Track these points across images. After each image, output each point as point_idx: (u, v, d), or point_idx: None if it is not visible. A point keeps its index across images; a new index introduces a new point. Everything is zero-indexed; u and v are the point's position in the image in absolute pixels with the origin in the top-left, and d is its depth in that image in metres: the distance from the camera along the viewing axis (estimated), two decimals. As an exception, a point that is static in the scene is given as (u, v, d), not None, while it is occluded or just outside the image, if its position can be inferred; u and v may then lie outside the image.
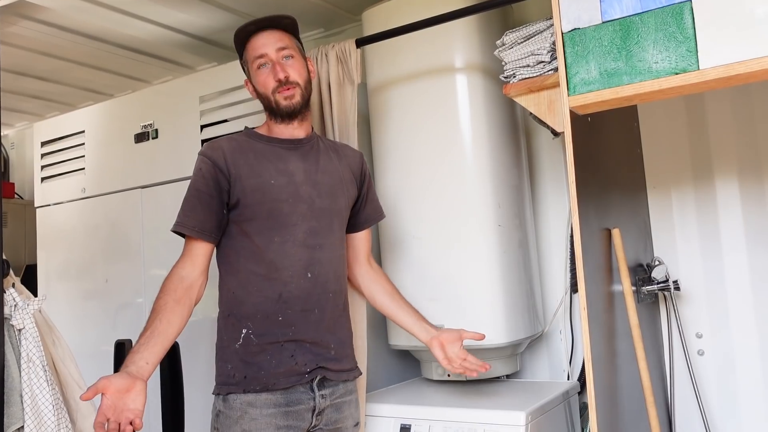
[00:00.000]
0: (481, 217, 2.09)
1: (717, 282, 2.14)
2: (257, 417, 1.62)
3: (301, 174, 1.74)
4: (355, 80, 2.04)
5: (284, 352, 1.66)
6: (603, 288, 1.74)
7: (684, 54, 1.45)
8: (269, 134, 1.78)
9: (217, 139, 1.76)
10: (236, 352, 1.66)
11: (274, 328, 1.66)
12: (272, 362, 1.65)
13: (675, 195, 2.22)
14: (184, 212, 1.68)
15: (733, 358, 2.11)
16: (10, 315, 1.56)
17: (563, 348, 2.36)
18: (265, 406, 1.63)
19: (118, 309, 2.64)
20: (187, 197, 1.69)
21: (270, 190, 1.68)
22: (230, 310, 1.69)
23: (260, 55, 1.74)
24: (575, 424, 2.09)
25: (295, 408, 1.65)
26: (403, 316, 1.90)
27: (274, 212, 1.68)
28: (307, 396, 1.67)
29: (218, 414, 1.65)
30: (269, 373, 1.64)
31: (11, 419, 1.50)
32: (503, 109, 2.20)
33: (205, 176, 1.67)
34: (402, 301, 1.92)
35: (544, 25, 1.71)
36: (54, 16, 2.42)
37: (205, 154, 1.71)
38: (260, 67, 1.74)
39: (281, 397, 1.64)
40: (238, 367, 1.65)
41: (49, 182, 2.94)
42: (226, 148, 1.71)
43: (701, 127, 2.19)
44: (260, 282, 1.67)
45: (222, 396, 1.66)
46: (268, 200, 1.68)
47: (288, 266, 1.68)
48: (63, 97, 3.36)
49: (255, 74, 1.76)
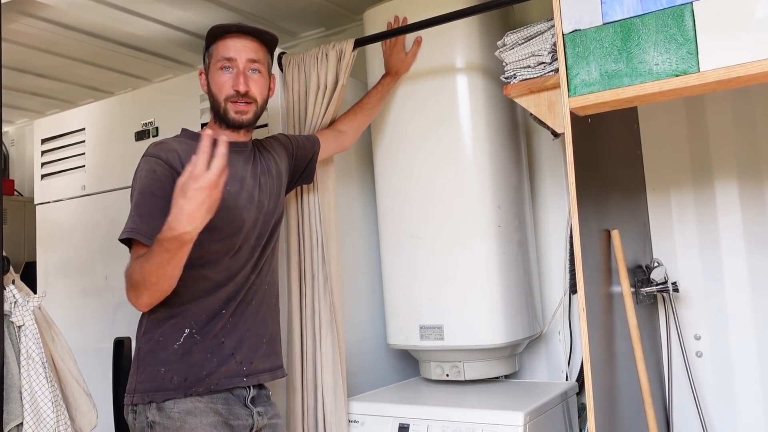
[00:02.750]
0: (480, 217, 2.10)
1: (716, 284, 2.14)
2: (197, 426, 1.53)
3: (249, 179, 1.71)
4: (341, 81, 2.02)
5: (225, 350, 1.61)
6: (602, 289, 1.74)
7: (684, 56, 1.45)
8: (214, 136, 1.67)
9: (164, 140, 1.65)
10: (174, 353, 1.57)
11: (218, 322, 1.61)
12: (213, 361, 1.59)
13: (674, 197, 2.22)
14: (141, 218, 1.52)
15: (731, 360, 2.11)
16: (9, 312, 1.56)
17: (562, 349, 2.37)
18: (205, 414, 1.56)
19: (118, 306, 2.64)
20: (140, 201, 1.55)
21: (227, 197, 1.59)
22: (172, 312, 1.59)
23: (230, 57, 1.67)
24: (573, 425, 2.09)
25: (236, 423, 1.60)
26: (367, 101, 2.13)
27: (234, 220, 1.63)
28: (245, 412, 1.63)
29: (152, 425, 1.54)
30: (210, 373, 1.58)
31: (10, 416, 1.51)
32: (503, 110, 2.20)
33: (161, 179, 1.55)
34: (359, 103, 2.13)
35: (545, 26, 1.72)
36: (55, 14, 2.42)
37: (157, 155, 1.58)
38: (223, 69, 1.67)
39: (222, 408, 1.59)
40: (176, 370, 1.56)
41: (49, 179, 2.94)
42: (180, 150, 1.60)
43: (701, 129, 2.20)
44: (212, 285, 1.62)
45: (156, 404, 1.55)
46: (224, 207, 1.57)
47: (240, 268, 1.66)
48: (63, 94, 3.35)
49: (215, 73, 1.69)
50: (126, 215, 1.58)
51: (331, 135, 2.04)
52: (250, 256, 1.69)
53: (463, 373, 2.14)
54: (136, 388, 1.58)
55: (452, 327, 2.10)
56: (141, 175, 1.58)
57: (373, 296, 2.39)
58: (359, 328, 2.32)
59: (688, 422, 2.13)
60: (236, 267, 1.66)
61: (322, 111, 2.05)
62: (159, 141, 1.66)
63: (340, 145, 2.08)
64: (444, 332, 2.11)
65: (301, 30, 2.80)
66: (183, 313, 1.59)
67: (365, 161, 2.42)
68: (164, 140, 1.67)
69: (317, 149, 1.97)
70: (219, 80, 1.68)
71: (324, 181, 2.06)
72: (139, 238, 1.51)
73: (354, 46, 2.03)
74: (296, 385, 1.99)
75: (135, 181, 1.60)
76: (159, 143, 1.64)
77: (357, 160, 2.41)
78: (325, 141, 2.00)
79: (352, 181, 2.38)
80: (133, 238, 1.52)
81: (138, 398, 1.57)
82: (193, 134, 1.72)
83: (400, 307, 2.21)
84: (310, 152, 1.95)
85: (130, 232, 1.52)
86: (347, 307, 2.15)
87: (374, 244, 2.39)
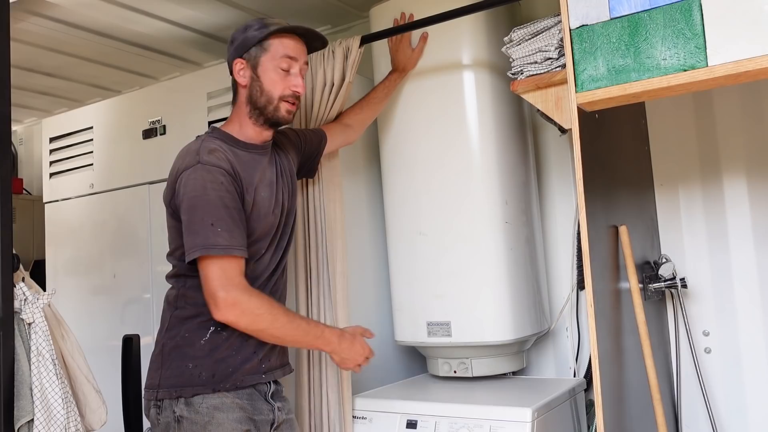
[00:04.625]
0: (488, 214, 2.09)
1: (724, 280, 2.13)
2: (224, 422, 1.55)
3: (276, 181, 1.72)
4: (347, 78, 2.03)
5: (248, 347, 1.63)
6: (610, 285, 1.74)
7: (692, 50, 1.44)
8: (243, 137, 1.69)
9: (212, 147, 1.60)
10: (201, 349, 1.58)
11: None
12: (238, 358, 1.61)
13: (682, 192, 2.21)
14: (229, 233, 1.51)
15: (740, 355, 2.10)
16: (20, 309, 1.57)
17: (569, 345, 2.36)
18: (232, 409, 1.58)
19: (126, 304, 2.65)
20: (218, 216, 1.52)
21: (263, 204, 1.65)
22: (199, 311, 1.60)
23: (293, 56, 1.67)
24: (581, 421, 2.09)
25: (259, 418, 1.63)
26: (374, 96, 2.13)
27: (267, 227, 1.67)
28: (267, 407, 1.66)
29: (179, 420, 1.54)
30: (236, 369, 1.60)
31: (21, 412, 1.52)
32: (510, 106, 2.20)
33: (229, 190, 1.55)
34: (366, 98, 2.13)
35: (552, 22, 1.71)
36: (62, 13, 2.43)
37: (219, 165, 1.56)
38: (282, 68, 1.66)
39: (247, 403, 1.61)
40: (204, 366, 1.57)
41: (57, 178, 2.95)
42: (231, 158, 1.60)
43: (709, 124, 2.18)
44: None
45: (185, 399, 1.56)
46: (262, 215, 1.64)
47: (266, 269, 1.68)
48: (71, 93, 3.37)
49: (271, 69, 1.66)
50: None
51: (338, 129, 2.04)
52: (275, 257, 1.71)
53: (470, 369, 2.14)
54: (161, 383, 1.58)
55: (460, 324, 2.10)
56: (206, 186, 1.53)
57: (380, 293, 2.39)
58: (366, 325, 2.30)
59: (697, 418, 2.13)
60: (262, 268, 1.68)
61: (329, 107, 2.05)
62: (210, 146, 1.60)
63: (346, 139, 2.08)
64: (451, 329, 2.11)
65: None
66: (210, 314, 1.59)
67: (372, 158, 2.42)
68: (212, 147, 1.60)
69: (323, 144, 1.98)
70: (276, 77, 1.66)
71: (330, 179, 2.06)
72: (239, 253, 1.53)
73: (360, 42, 2.04)
74: (303, 382, 2.00)
75: (195, 190, 1.53)
76: (213, 150, 1.59)
77: (363, 156, 2.41)
78: (332, 135, 2.01)
79: (358, 178, 2.38)
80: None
81: (164, 393, 1.58)
82: (225, 136, 1.67)
83: (408, 304, 2.21)
84: (316, 147, 1.96)
85: (227, 249, 1.50)
86: (354, 304, 2.15)
87: (381, 240, 2.39)
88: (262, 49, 1.67)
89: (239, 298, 1.52)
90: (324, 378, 1.97)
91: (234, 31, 1.72)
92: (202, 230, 1.51)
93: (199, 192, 1.53)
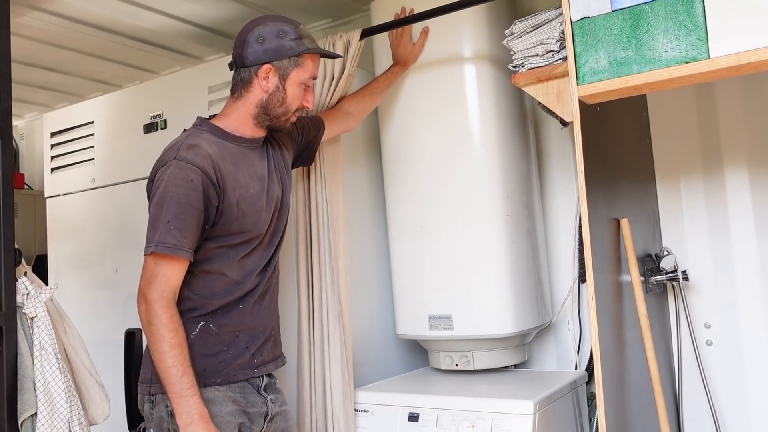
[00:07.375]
0: (489, 207, 2.09)
1: (726, 272, 2.13)
2: (217, 415, 1.55)
3: (266, 176, 1.72)
4: (347, 70, 2.03)
5: (240, 343, 1.64)
6: (611, 278, 1.74)
7: (694, 42, 1.44)
8: (235, 131, 1.67)
9: (196, 143, 1.59)
10: (191, 344, 1.56)
11: (235, 317, 1.64)
12: (229, 353, 1.62)
13: (684, 185, 2.21)
14: (181, 232, 1.50)
15: (742, 348, 2.11)
16: (22, 303, 1.57)
17: (571, 338, 2.36)
18: (224, 403, 1.58)
19: (128, 298, 2.65)
20: (178, 213, 1.50)
21: (252, 200, 1.64)
22: (189, 306, 1.59)
23: (315, 77, 1.72)
24: (583, 414, 2.10)
25: (252, 410, 1.64)
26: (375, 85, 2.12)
27: (257, 223, 1.66)
28: (260, 400, 1.66)
29: (172, 414, 1.51)
30: (227, 365, 1.61)
31: (24, 406, 1.52)
32: (512, 99, 2.19)
33: (198, 189, 1.53)
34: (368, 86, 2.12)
35: (553, 14, 1.71)
36: (63, 7, 2.42)
37: (194, 162, 1.54)
38: (305, 84, 1.69)
39: (240, 396, 1.62)
40: (195, 360, 1.54)
41: (58, 173, 2.95)
42: (212, 154, 1.58)
43: (711, 116, 2.18)
44: (231, 284, 1.63)
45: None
46: (252, 211, 1.64)
47: (257, 265, 1.68)
48: (72, 88, 3.37)
49: (297, 84, 1.67)
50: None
51: (338, 116, 2.04)
52: (266, 253, 1.71)
53: (472, 362, 2.15)
54: (153, 378, 1.57)
55: (461, 317, 2.10)
56: (176, 182, 1.52)
57: (382, 286, 2.39)
58: (368, 319, 2.32)
59: (698, 411, 2.13)
60: (253, 265, 1.68)
61: (329, 100, 2.05)
62: (190, 142, 1.59)
63: (346, 126, 2.08)
64: (453, 322, 2.11)
65: (308, 21, 2.79)
66: (201, 307, 1.61)
67: (373, 152, 2.42)
68: (195, 142, 1.59)
69: (321, 133, 1.97)
70: (299, 92, 1.68)
71: (333, 174, 2.06)
72: (185, 256, 1.51)
73: (361, 36, 2.03)
74: (305, 376, 2.00)
75: (166, 186, 1.53)
76: (192, 146, 1.57)
77: (365, 150, 2.41)
78: (332, 121, 2.01)
79: (360, 172, 2.38)
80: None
81: (156, 387, 1.57)
82: (214, 129, 1.66)
83: (409, 298, 2.22)
84: (314, 136, 1.96)
85: (174, 249, 1.49)
86: (356, 298, 2.15)
87: (383, 234, 2.39)
88: (296, 63, 1.66)
89: (154, 302, 1.49)
90: (327, 372, 1.98)
91: (261, 28, 1.65)
92: (161, 227, 1.51)
93: (167, 188, 1.53)
